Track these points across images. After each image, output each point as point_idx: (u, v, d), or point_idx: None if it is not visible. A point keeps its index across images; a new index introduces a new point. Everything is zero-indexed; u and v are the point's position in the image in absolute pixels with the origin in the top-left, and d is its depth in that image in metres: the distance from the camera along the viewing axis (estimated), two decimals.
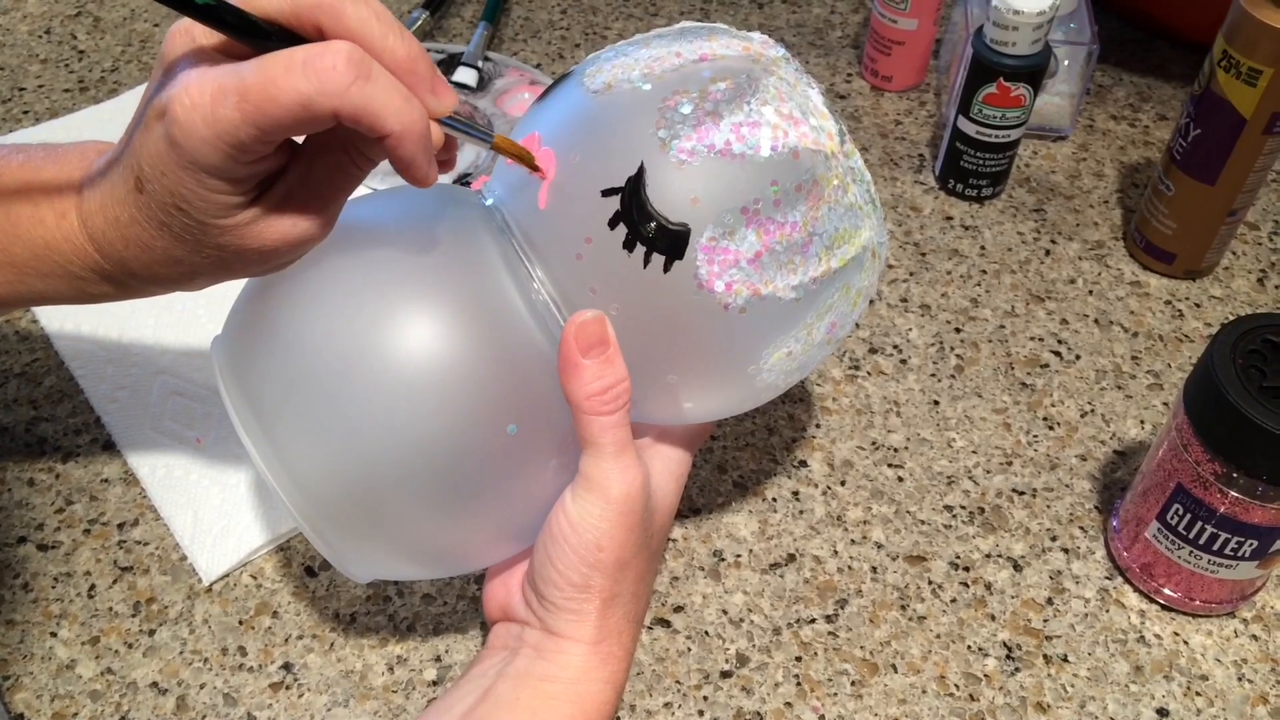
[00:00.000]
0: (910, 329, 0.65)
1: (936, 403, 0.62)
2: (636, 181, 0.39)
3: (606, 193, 0.39)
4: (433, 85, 0.36)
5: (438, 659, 0.51)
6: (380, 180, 0.70)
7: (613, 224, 0.39)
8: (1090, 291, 0.68)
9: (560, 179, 0.40)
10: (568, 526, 0.42)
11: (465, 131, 0.38)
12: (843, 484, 0.58)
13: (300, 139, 0.38)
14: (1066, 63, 0.76)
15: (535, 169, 0.41)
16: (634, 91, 0.40)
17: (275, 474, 0.40)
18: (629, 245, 0.39)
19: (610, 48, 0.44)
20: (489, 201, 0.43)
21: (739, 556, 0.55)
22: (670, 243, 0.39)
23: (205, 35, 0.35)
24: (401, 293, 0.40)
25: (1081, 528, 0.56)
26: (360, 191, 0.46)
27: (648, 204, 0.39)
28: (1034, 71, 0.66)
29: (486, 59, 0.80)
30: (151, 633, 0.51)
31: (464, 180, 0.70)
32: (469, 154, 0.72)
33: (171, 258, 0.38)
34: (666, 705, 0.49)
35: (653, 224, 0.39)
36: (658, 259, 0.39)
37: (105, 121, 0.76)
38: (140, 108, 0.36)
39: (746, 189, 0.39)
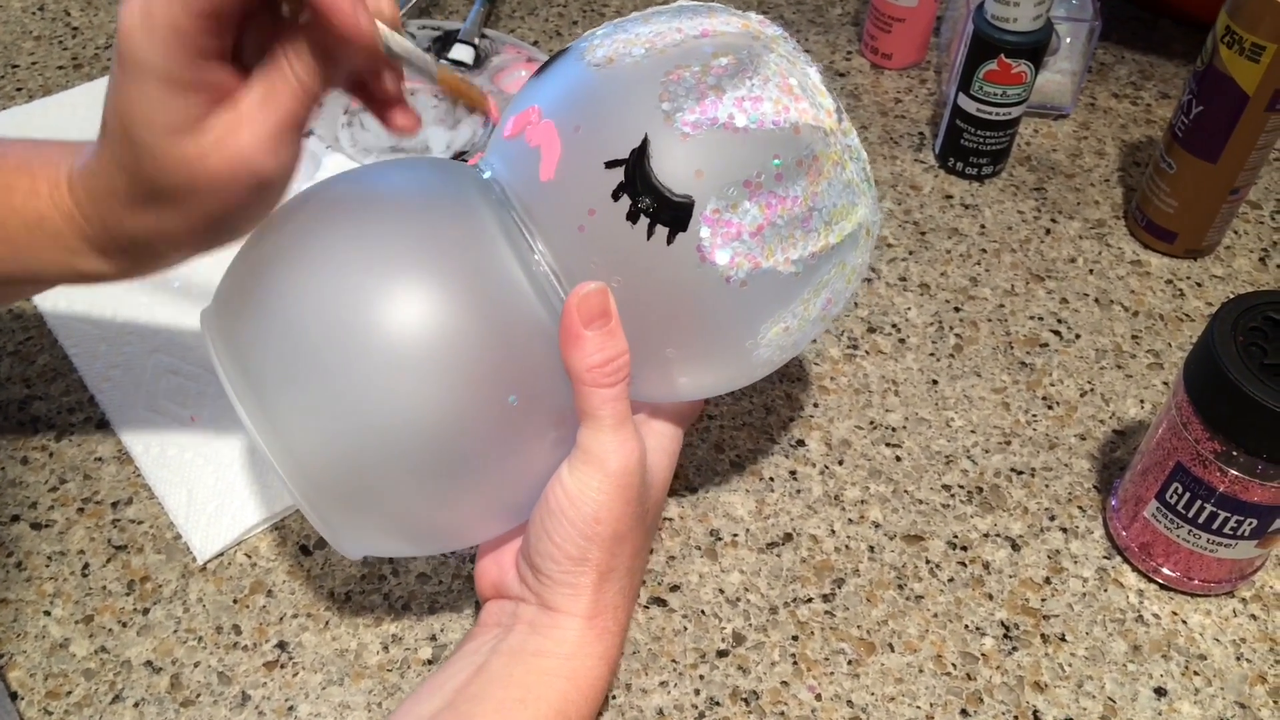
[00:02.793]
0: (909, 308, 0.65)
1: (935, 382, 0.61)
2: (640, 154, 0.39)
3: (610, 165, 0.39)
4: None
5: (433, 638, 0.51)
6: (375, 158, 0.70)
7: (616, 196, 0.39)
8: (1091, 271, 0.67)
9: (562, 151, 0.40)
10: (565, 499, 0.41)
11: (405, 58, 0.39)
12: (840, 463, 0.57)
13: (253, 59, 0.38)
14: (1068, 40, 0.76)
15: (484, 110, 0.41)
16: (637, 65, 0.40)
17: (270, 445, 0.39)
18: (632, 217, 0.39)
19: (609, 24, 0.44)
20: (486, 175, 0.43)
21: (736, 536, 0.54)
22: (674, 215, 0.39)
23: None
24: (398, 263, 0.39)
25: (1080, 507, 0.56)
26: (350, 167, 0.45)
27: (652, 176, 0.38)
28: (1035, 48, 0.65)
29: (483, 36, 0.79)
30: (146, 611, 0.51)
31: (461, 157, 0.70)
32: (465, 131, 0.71)
33: (144, 221, 0.39)
34: (662, 684, 0.49)
35: (657, 196, 0.38)
36: (661, 231, 0.39)
37: (98, 99, 0.75)
38: None
39: (749, 162, 0.39)
